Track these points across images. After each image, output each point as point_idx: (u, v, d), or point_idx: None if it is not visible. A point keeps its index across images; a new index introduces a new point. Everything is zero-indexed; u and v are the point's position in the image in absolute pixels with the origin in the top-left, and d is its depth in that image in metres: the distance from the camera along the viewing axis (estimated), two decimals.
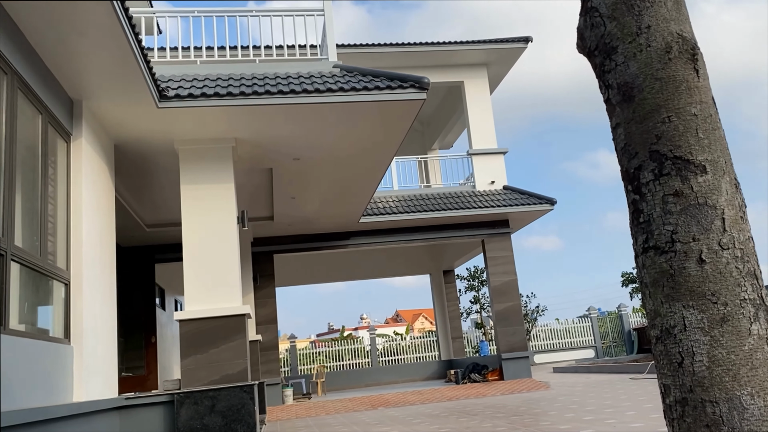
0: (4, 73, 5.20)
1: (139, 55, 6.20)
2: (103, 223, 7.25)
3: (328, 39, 9.06)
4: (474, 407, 10.36)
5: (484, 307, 27.91)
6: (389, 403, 12.62)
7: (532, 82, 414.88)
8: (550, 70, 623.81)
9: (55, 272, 6.02)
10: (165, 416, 7.21)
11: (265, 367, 14.27)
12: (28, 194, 5.65)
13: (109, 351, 7.15)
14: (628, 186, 1.98)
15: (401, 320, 71.82)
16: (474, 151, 16.14)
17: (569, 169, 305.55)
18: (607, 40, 1.99)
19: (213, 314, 7.78)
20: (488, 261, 15.42)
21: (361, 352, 26.07)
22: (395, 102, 7.89)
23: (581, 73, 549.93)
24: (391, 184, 15.82)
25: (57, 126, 6.34)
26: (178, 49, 8.70)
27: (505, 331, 14.95)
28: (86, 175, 6.74)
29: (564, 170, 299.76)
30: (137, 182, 9.84)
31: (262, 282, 14.84)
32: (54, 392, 5.64)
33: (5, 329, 4.88)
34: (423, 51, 15.90)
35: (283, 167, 9.85)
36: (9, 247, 5.03)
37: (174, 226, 11.71)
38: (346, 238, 15.17)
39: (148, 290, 13.70)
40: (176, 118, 7.65)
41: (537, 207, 14.93)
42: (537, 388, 12.99)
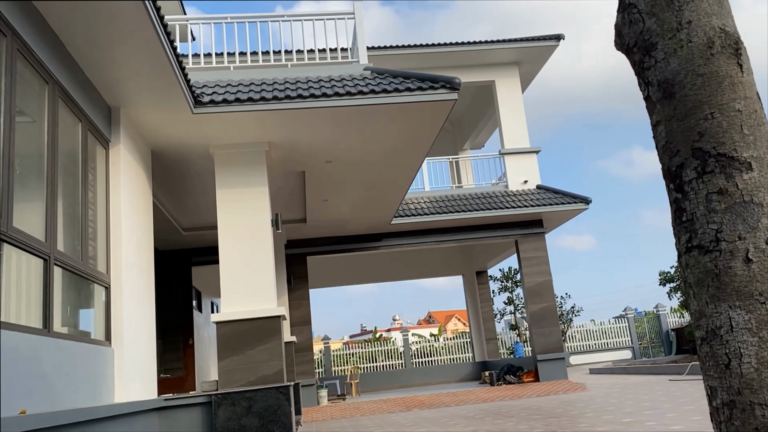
0: (46, 82, 5.35)
1: (174, 63, 6.31)
2: (141, 228, 7.40)
3: (359, 42, 9.10)
4: (509, 409, 10.28)
5: (519, 308, 27.65)
6: (423, 404, 12.59)
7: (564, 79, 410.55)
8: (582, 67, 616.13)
9: (96, 276, 6.17)
10: (203, 417, 7.31)
11: (300, 368, 14.38)
12: (70, 200, 5.79)
13: (149, 353, 7.29)
14: (670, 184, 1.95)
15: (434, 321, 71.62)
16: (506, 150, 16.02)
17: (603, 167, 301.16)
18: (647, 36, 1.96)
19: (249, 316, 7.87)
20: (522, 261, 15.27)
21: (394, 354, 26.06)
22: (426, 103, 7.88)
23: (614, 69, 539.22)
24: (422, 185, 15.80)
25: (96, 133, 6.49)
26: (211, 55, 8.84)
27: (540, 332, 14.80)
28: (124, 180, 6.89)
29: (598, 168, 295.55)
30: (174, 187, 10.02)
31: (296, 284, 14.96)
32: (96, 393, 5.78)
33: (50, 332, 5.02)
34: (453, 51, 15.85)
35: (316, 170, 9.92)
36: (52, 252, 5.17)
37: (210, 229, 11.90)
38: (378, 240, 15.20)
39: (186, 293, 13.93)
40: (211, 123, 7.77)
41: (571, 206, 14.74)
42: (573, 390, 12.82)
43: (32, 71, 5.12)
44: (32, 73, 5.13)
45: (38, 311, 4.98)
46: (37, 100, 5.28)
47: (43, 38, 5.25)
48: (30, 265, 4.93)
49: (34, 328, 4.78)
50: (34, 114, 5.23)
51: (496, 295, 27.61)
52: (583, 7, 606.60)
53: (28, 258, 4.86)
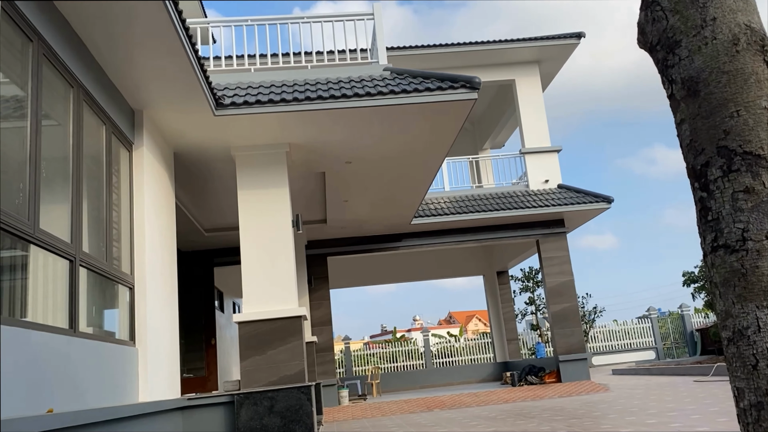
0: (71, 86, 5.44)
1: (196, 66, 6.37)
2: (164, 229, 7.49)
3: (378, 42, 9.11)
4: (531, 410, 10.22)
5: (540, 309, 27.46)
6: (445, 404, 12.57)
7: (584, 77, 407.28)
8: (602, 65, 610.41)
9: (120, 277, 6.25)
10: (225, 416, 7.37)
11: (321, 368, 14.43)
12: (94, 202, 5.88)
13: (172, 352, 7.37)
14: (695, 183, 1.93)
15: (454, 322, 71.41)
16: (527, 149, 15.92)
17: (624, 165, 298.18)
18: (670, 34, 1.93)
19: (270, 316, 7.92)
20: (543, 261, 15.17)
21: (414, 354, 26.03)
22: (446, 103, 7.87)
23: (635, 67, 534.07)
24: (442, 185, 15.77)
25: (120, 136, 6.58)
26: (232, 57, 8.90)
27: (562, 332, 14.68)
28: (148, 182, 6.97)
29: (619, 167, 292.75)
30: (196, 188, 10.12)
31: (317, 284, 15.02)
32: (120, 393, 5.86)
33: (76, 332, 5.10)
34: (473, 50, 15.80)
35: (336, 171, 9.95)
36: (78, 253, 5.25)
37: (231, 230, 11.99)
38: (398, 240, 15.20)
39: (208, 293, 14.05)
40: (232, 125, 7.84)
41: (593, 206, 14.61)
42: (596, 391, 12.71)
43: (57, 75, 5.21)
44: (57, 77, 5.22)
45: (64, 312, 5.06)
46: (63, 104, 5.37)
47: (67, 43, 5.34)
48: (56, 266, 5.02)
49: (60, 328, 4.86)
50: (59, 117, 5.31)
51: (517, 295, 27.45)
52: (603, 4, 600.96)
53: (54, 259, 4.95)
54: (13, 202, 4.32)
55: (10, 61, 4.50)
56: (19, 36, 4.58)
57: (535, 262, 32.27)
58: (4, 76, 4.40)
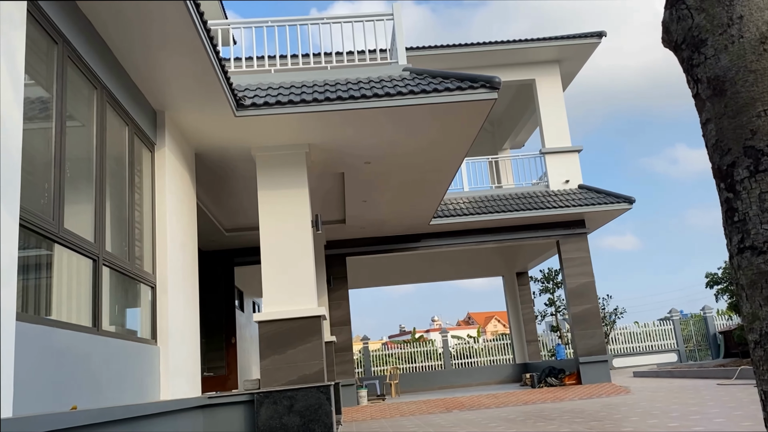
0: (94, 87, 5.51)
1: (217, 67, 6.42)
2: (186, 229, 7.56)
3: (398, 42, 9.11)
4: (551, 411, 10.14)
5: (560, 310, 27.26)
6: (464, 406, 12.53)
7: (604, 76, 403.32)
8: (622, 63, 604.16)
9: (142, 276, 6.32)
10: (246, 415, 7.41)
11: (340, 368, 14.46)
12: (117, 202, 5.95)
13: (193, 351, 7.43)
14: (721, 184, 1.90)
15: (473, 323, 71.17)
16: (547, 150, 15.81)
17: (646, 165, 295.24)
18: (696, 32, 1.91)
19: (290, 316, 7.95)
20: (564, 262, 15.05)
21: (433, 354, 25.98)
22: (466, 103, 7.84)
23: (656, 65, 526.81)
24: (461, 186, 15.72)
25: (142, 136, 6.65)
26: (252, 58, 8.96)
27: (582, 334, 14.56)
28: (170, 182, 7.04)
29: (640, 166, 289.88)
30: (216, 188, 10.20)
31: (336, 284, 15.05)
32: (142, 391, 5.92)
33: (99, 330, 5.16)
34: (492, 50, 15.72)
35: (355, 171, 9.96)
36: (101, 252, 5.32)
37: (252, 230, 12.07)
38: (417, 240, 15.19)
39: (228, 293, 14.16)
40: (252, 125, 7.88)
41: (614, 206, 14.47)
42: (617, 393, 12.58)
43: (81, 77, 5.28)
44: (81, 79, 5.29)
45: (88, 310, 5.13)
46: (86, 105, 5.44)
47: (91, 45, 5.41)
48: (80, 266, 5.09)
49: (84, 327, 4.92)
50: (83, 118, 5.39)
51: (536, 296, 27.27)
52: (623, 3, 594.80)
53: (78, 258, 5.02)
54: (39, 202, 4.39)
55: (36, 64, 4.57)
56: (45, 38, 4.65)
57: (555, 263, 32.01)
58: (29, 78, 4.47)
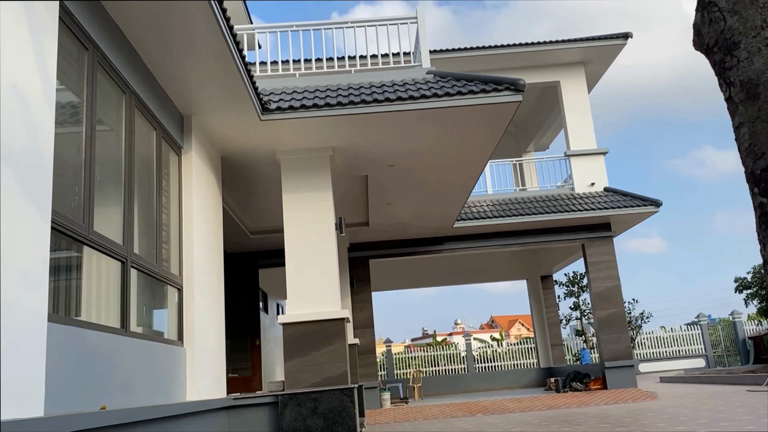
0: (123, 92, 5.61)
1: (243, 72, 6.49)
2: (212, 231, 7.64)
3: (422, 45, 9.11)
4: (576, 417, 10.04)
5: (585, 314, 26.97)
6: (487, 410, 12.45)
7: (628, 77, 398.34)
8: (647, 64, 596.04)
9: (169, 278, 6.40)
10: (270, 416, 7.46)
11: (363, 370, 14.48)
12: (145, 205, 6.04)
13: (218, 353, 7.50)
14: (754, 188, 1.87)
15: (496, 326, 70.76)
16: (572, 152, 15.68)
17: (672, 167, 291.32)
18: (728, 35, 1.88)
19: (314, 318, 7.99)
20: (589, 266, 14.90)
21: (456, 358, 25.88)
22: (490, 105, 7.80)
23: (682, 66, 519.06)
24: (485, 188, 15.64)
25: (169, 140, 6.74)
26: (277, 62, 9.02)
27: (608, 338, 14.39)
28: (196, 185, 7.13)
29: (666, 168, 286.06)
30: (242, 191, 10.29)
31: (359, 287, 15.08)
32: (169, 391, 5.99)
33: (127, 331, 5.24)
34: (516, 52, 15.64)
35: (379, 174, 9.98)
36: (129, 255, 5.40)
37: (276, 232, 12.15)
38: (440, 243, 15.15)
39: (253, 294, 14.26)
40: (277, 129, 7.94)
41: (641, 209, 14.28)
42: (643, 399, 12.40)
43: (111, 82, 5.37)
44: (111, 84, 5.38)
45: (116, 311, 5.21)
46: (116, 110, 5.53)
47: (121, 51, 5.50)
48: (109, 268, 5.17)
49: (112, 328, 5.00)
50: (112, 123, 5.48)
51: (561, 300, 27.03)
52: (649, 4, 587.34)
53: (107, 260, 5.10)
54: (69, 205, 4.47)
55: (67, 69, 4.66)
56: (76, 45, 4.74)
57: (580, 266, 31.69)
58: (61, 83, 4.56)
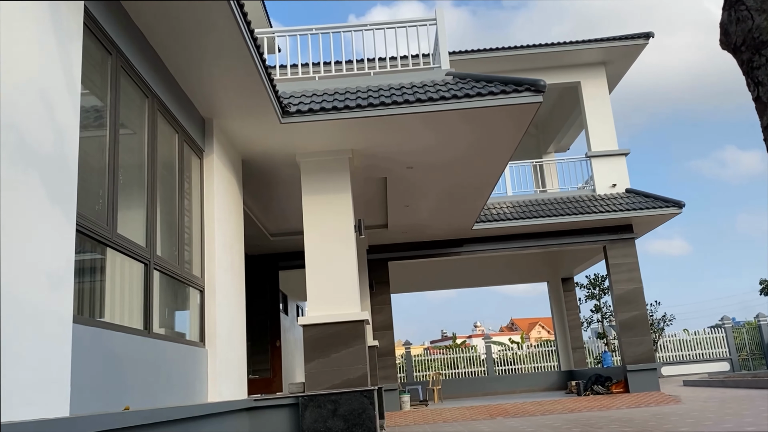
0: (146, 96, 5.67)
1: (264, 75, 6.53)
2: (233, 233, 7.69)
3: (441, 47, 9.10)
4: (598, 420, 9.94)
5: (606, 317, 26.70)
6: (508, 413, 12.38)
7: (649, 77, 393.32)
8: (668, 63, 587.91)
9: (192, 279, 6.45)
10: (290, 418, 7.49)
11: (383, 372, 14.47)
12: (167, 207, 6.10)
13: (240, 354, 7.55)
14: None
15: (516, 329, 70.35)
16: (593, 153, 15.55)
17: (694, 168, 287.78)
18: (756, 34, 1.85)
19: (334, 320, 8.01)
20: (611, 268, 14.75)
21: (476, 360, 25.78)
22: (510, 107, 7.77)
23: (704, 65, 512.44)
24: (504, 190, 15.57)
25: (191, 143, 6.81)
26: (297, 65, 9.07)
27: (630, 341, 14.24)
28: (218, 188, 7.19)
29: (688, 169, 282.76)
30: (262, 194, 10.35)
31: (378, 289, 15.08)
32: (191, 392, 6.04)
33: (150, 333, 5.29)
34: (536, 53, 15.55)
35: (398, 176, 9.98)
36: (152, 257, 5.46)
37: (296, 234, 12.21)
38: (460, 245, 15.10)
39: (273, 296, 14.33)
40: (297, 132, 7.98)
41: (663, 210, 14.11)
42: (666, 402, 12.25)
43: (134, 86, 5.44)
44: (134, 88, 5.45)
45: (139, 313, 5.27)
46: (138, 114, 5.60)
47: (143, 55, 5.57)
48: (132, 270, 5.23)
49: (135, 329, 5.05)
50: (135, 126, 5.54)
51: (582, 302, 26.80)
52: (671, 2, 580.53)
53: (130, 262, 5.16)
54: (94, 208, 4.53)
55: (91, 74, 4.73)
56: (99, 50, 4.81)
57: (602, 268, 31.40)
58: (85, 87, 4.63)
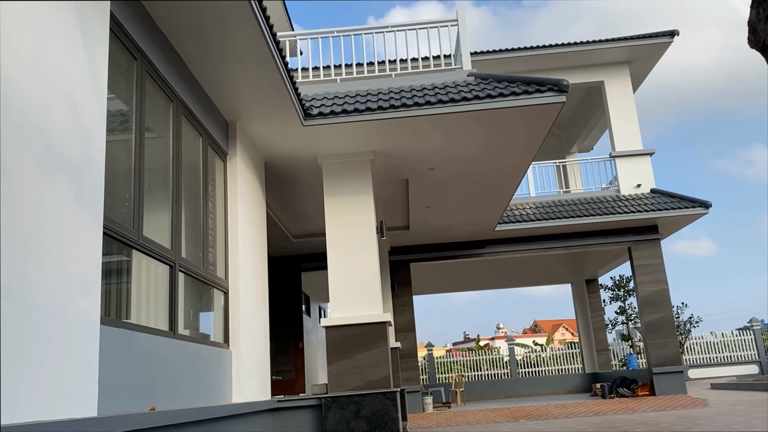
0: (170, 100, 5.74)
1: (286, 78, 6.57)
2: (256, 235, 7.75)
3: (462, 48, 9.07)
4: (623, 423, 9.82)
5: (632, 319, 26.36)
6: (531, 415, 12.29)
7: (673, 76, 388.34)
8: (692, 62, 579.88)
9: (216, 281, 6.52)
10: (313, 419, 7.52)
11: (405, 374, 14.46)
12: (192, 210, 6.17)
13: (263, 355, 7.60)
14: None
15: (540, 330, 69.80)
16: (617, 153, 15.37)
17: (720, 167, 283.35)
18: None
19: (356, 321, 8.02)
20: (636, 269, 14.57)
21: (499, 363, 25.62)
22: (532, 107, 7.72)
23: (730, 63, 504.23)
24: (527, 191, 15.46)
25: (215, 147, 6.88)
26: (318, 68, 9.11)
27: (656, 343, 14.04)
28: (241, 191, 7.25)
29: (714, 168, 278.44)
30: (284, 196, 10.41)
31: (400, 290, 15.07)
32: (215, 393, 6.09)
33: (175, 334, 5.35)
34: (559, 53, 15.42)
35: (419, 177, 9.97)
36: (177, 259, 5.52)
37: (318, 236, 12.26)
38: (482, 247, 15.03)
39: (296, 298, 14.41)
40: (319, 134, 8.02)
41: (689, 211, 13.90)
42: (693, 405, 12.06)
43: (159, 90, 5.51)
44: (159, 93, 5.52)
45: (165, 314, 5.33)
46: (163, 117, 5.67)
47: (168, 59, 5.64)
48: (158, 272, 5.30)
49: (161, 330, 5.11)
50: (160, 130, 5.62)
51: (607, 304, 26.47)
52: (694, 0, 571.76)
53: (156, 264, 5.22)
54: (120, 211, 4.60)
55: (117, 78, 4.80)
56: (125, 54, 4.88)
57: (627, 269, 31.00)
58: (111, 92, 4.70)
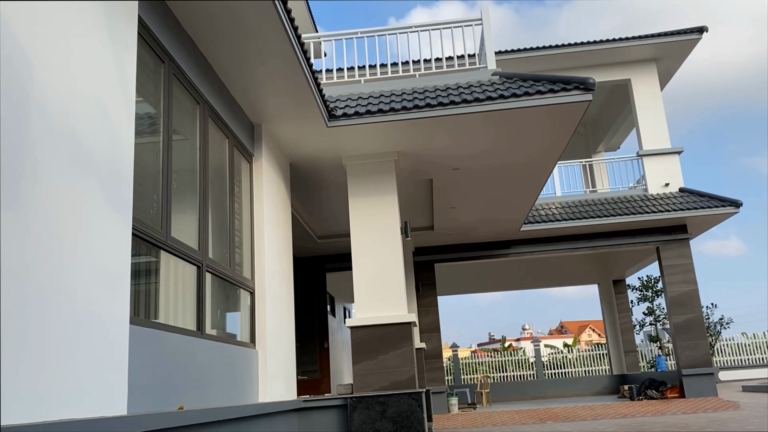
0: (197, 103, 5.81)
1: (311, 80, 6.61)
2: (281, 236, 7.81)
3: (487, 47, 9.03)
4: (652, 426, 9.68)
5: (660, 320, 25.98)
6: (558, 417, 12.18)
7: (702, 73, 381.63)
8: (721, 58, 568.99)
9: (242, 282, 6.58)
10: (339, 419, 7.54)
11: (430, 375, 14.44)
12: (218, 211, 6.24)
13: (289, 355, 7.65)
14: None
15: (566, 332, 69.10)
16: (645, 152, 15.16)
17: (750, 164, 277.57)
18: None
19: (381, 322, 8.03)
20: (664, 270, 14.35)
21: (525, 364, 25.44)
22: (558, 106, 7.65)
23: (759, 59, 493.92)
24: (553, 190, 15.32)
25: (241, 148, 6.94)
26: (342, 69, 9.14)
27: (685, 345, 13.82)
28: (267, 192, 7.31)
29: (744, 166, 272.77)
30: (309, 197, 10.47)
31: (425, 291, 15.05)
32: (242, 392, 6.15)
33: (203, 334, 5.42)
34: (584, 51, 15.27)
35: (443, 177, 9.94)
36: (204, 259, 5.59)
37: (342, 237, 12.30)
38: (507, 247, 14.94)
39: (321, 298, 14.47)
40: (344, 135, 8.05)
41: (719, 210, 13.65)
42: (724, 408, 11.84)
43: (185, 93, 5.58)
44: (186, 95, 5.59)
45: (192, 314, 5.40)
46: (190, 120, 5.74)
47: (195, 63, 5.71)
48: (185, 272, 5.36)
49: (189, 330, 5.18)
50: (187, 132, 5.69)
51: (634, 305, 26.12)
52: None
53: (183, 265, 5.29)
54: (149, 212, 4.67)
55: (145, 81, 4.88)
56: (153, 58, 4.96)
57: (655, 270, 30.58)
58: (139, 95, 4.77)
